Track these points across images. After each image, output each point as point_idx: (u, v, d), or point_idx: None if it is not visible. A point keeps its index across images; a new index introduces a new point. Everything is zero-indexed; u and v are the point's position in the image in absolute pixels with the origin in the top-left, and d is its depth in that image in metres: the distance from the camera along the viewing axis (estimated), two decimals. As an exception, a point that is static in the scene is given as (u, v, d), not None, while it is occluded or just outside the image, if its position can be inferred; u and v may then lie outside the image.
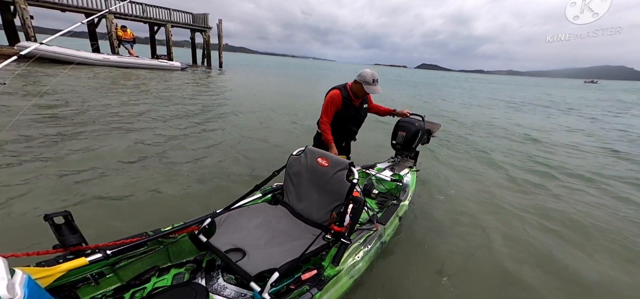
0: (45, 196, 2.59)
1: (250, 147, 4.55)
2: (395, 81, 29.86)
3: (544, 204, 3.34)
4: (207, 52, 20.18)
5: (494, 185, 3.86)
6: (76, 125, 4.57)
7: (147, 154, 3.77)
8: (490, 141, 6.35)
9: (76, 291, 1.23)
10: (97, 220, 2.33)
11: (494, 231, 2.73)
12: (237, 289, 1.45)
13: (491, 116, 10.20)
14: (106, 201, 2.61)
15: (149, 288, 1.40)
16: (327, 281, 1.38)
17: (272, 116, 6.98)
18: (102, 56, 12.80)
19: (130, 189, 2.85)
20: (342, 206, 1.69)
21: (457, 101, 14.74)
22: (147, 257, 1.48)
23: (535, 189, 3.80)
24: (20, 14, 11.11)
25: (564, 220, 3.00)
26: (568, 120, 10.11)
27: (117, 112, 5.70)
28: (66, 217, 1.19)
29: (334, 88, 2.46)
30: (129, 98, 7.15)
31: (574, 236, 2.74)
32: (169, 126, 5.16)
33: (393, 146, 3.34)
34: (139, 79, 10.65)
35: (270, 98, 9.94)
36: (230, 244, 1.50)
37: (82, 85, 8.08)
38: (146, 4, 15.56)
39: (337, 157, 1.86)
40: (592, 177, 4.28)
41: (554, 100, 17.91)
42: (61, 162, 3.26)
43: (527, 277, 2.14)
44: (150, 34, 17.47)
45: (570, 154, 5.56)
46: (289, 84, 16.01)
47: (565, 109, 13.56)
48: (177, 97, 8.13)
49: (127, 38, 14.22)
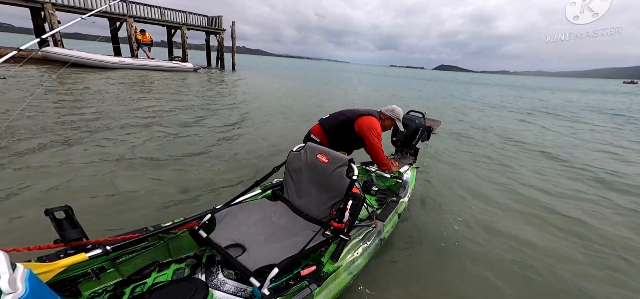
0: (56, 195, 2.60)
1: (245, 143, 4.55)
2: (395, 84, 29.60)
3: (545, 202, 3.37)
4: (220, 54, 20.63)
5: (494, 184, 3.88)
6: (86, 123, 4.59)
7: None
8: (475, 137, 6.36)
9: (77, 285, 1.24)
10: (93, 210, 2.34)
11: (494, 228, 2.74)
12: (237, 285, 1.46)
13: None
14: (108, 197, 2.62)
15: (150, 283, 1.41)
16: (326, 277, 1.39)
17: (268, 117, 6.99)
18: (118, 59, 13.22)
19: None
20: (341, 203, 1.70)
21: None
22: (148, 252, 1.48)
23: (539, 187, 3.83)
24: (48, 19, 11.69)
25: (572, 223, 2.97)
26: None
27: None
28: (67, 211, 1.20)
29: (370, 114, 2.46)
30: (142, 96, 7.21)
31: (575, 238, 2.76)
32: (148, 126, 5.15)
33: (393, 142, 3.35)
34: (148, 80, 10.79)
35: (268, 99, 9.92)
36: (230, 239, 1.50)
37: (95, 87, 8.12)
38: (164, 8, 16.19)
39: (337, 153, 1.86)
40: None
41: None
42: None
43: (527, 277, 2.16)
44: (167, 36, 18.27)
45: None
46: (294, 86, 16.00)
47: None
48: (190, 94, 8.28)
49: (146, 41, 14.77)
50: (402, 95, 16.27)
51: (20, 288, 0.72)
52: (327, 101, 10.73)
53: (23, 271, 0.79)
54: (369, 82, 26.29)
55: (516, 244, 2.53)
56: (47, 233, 1.23)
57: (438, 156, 4.85)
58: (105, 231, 2.08)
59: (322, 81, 21.56)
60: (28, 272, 0.80)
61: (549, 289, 2.04)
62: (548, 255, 2.41)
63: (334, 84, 19.35)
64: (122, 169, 3.17)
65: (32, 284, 0.77)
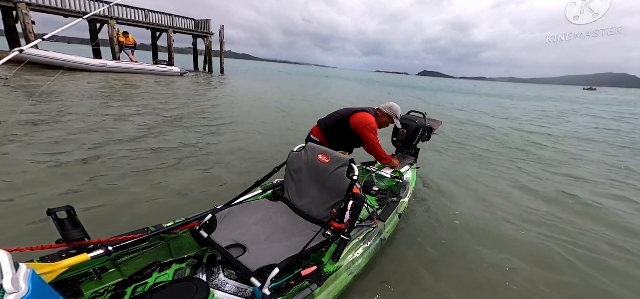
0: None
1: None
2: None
3: (545, 203, 3.37)
4: (208, 58, 20.45)
5: (494, 184, 3.88)
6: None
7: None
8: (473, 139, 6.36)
9: (79, 285, 1.24)
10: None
11: (494, 228, 2.74)
12: (238, 285, 1.46)
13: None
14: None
15: (151, 283, 1.41)
16: (326, 277, 1.40)
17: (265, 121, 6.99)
18: (99, 61, 12.73)
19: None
20: (342, 203, 1.70)
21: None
22: (149, 252, 1.49)
23: (537, 190, 3.82)
24: (21, 19, 11.13)
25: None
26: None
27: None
28: (69, 211, 1.20)
29: (365, 111, 2.46)
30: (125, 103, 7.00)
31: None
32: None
33: (394, 143, 3.34)
34: (132, 85, 10.32)
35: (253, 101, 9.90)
36: (230, 239, 1.51)
37: (71, 90, 7.62)
38: (148, 10, 15.79)
39: (338, 153, 1.87)
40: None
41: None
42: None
43: (527, 276, 2.16)
44: (152, 39, 17.75)
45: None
46: (278, 89, 15.91)
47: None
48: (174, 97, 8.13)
49: (129, 43, 14.37)
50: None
51: (23, 288, 0.73)
52: (323, 103, 10.72)
53: (25, 271, 0.79)
54: (351, 89, 25.28)
55: (518, 244, 2.53)
56: (44, 233, 1.22)
57: (438, 156, 4.86)
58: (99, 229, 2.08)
59: (312, 84, 21.41)
60: (30, 272, 0.80)
61: (549, 290, 2.04)
62: (549, 255, 2.41)
63: (321, 88, 19.32)
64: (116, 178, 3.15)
65: (35, 284, 0.77)
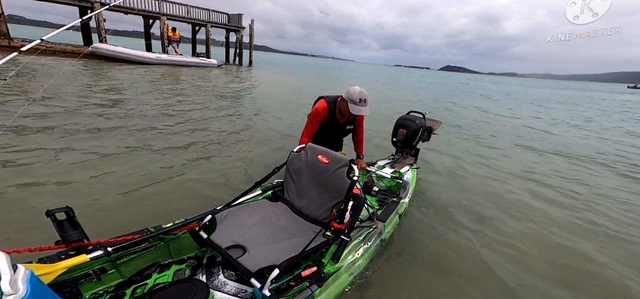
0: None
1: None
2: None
3: (545, 203, 3.36)
4: (240, 51, 21.39)
5: (495, 183, 3.88)
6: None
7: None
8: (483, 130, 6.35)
9: (78, 286, 1.24)
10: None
11: (494, 228, 2.74)
12: (238, 286, 1.46)
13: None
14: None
15: (150, 284, 1.41)
16: (327, 277, 1.39)
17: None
18: (155, 55, 14.39)
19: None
20: (342, 203, 1.70)
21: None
22: (148, 253, 1.48)
23: (540, 188, 3.82)
24: (95, 16, 12.25)
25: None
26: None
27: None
28: (68, 213, 1.20)
29: (322, 97, 2.31)
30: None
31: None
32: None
33: (394, 143, 3.34)
34: (186, 76, 11.84)
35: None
36: (230, 240, 1.50)
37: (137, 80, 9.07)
38: (190, 6, 17.15)
39: (338, 154, 1.87)
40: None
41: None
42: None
43: (527, 275, 2.15)
44: (192, 33, 19.14)
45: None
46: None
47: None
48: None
49: (175, 38, 15.99)
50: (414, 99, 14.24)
51: (22, 289, 0.73)
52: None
53: (24, 272, 0.79)
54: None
55: (519, 244, 2.52)
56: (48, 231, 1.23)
57: (439, 156, 4.85)
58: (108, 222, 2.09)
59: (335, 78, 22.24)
60: (29, 273, 0.80)
61: (550, 290, 2.03)
62: (549, 257, 2.40)
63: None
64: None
65: (33, 286, 0.77)
